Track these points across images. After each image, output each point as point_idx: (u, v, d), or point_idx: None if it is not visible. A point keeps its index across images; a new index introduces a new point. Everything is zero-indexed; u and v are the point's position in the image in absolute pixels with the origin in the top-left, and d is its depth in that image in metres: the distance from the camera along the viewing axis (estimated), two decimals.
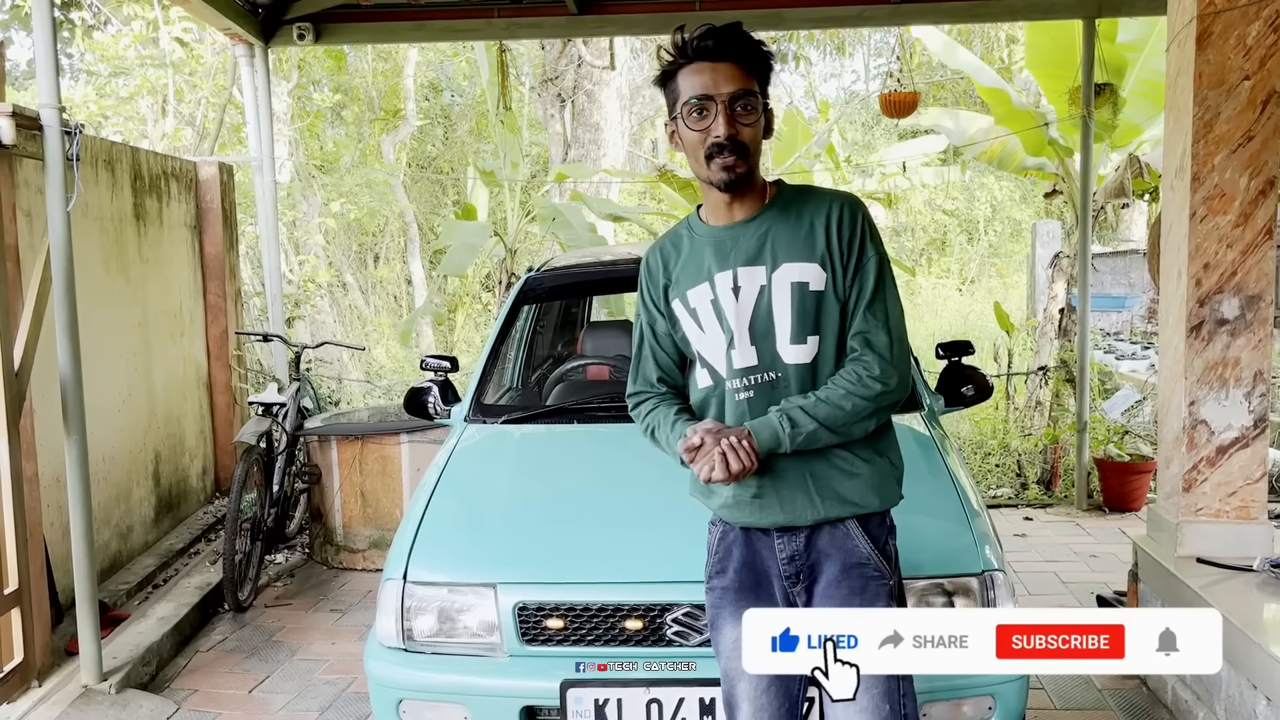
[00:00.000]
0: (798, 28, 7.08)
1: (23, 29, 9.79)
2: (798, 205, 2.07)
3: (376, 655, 2.70)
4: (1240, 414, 3.59)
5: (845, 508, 2.04)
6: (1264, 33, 3.45)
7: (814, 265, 2.02)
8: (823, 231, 2.03)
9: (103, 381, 4.87)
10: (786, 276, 2.02)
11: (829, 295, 2.03)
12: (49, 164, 3.54)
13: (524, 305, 4.21)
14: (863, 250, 2.04)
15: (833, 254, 2.02)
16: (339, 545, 5.41)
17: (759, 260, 2.04)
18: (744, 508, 2.10)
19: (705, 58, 1.99)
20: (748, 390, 2.06)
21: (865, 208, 2.09)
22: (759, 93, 2.01)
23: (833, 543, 2.06)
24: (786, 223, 2.05)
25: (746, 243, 2.06)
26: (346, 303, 11.94)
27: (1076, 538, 5.68)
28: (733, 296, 2.05)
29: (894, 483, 2.12)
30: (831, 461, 2.04)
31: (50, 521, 4.13)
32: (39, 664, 3.68)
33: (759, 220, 2.07)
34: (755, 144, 2.01)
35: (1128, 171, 7.18)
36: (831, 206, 2.05)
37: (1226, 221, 3.53)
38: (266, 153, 6.29)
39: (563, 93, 10.34)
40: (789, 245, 2.03)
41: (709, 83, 1.98)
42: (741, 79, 1.98)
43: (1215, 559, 3.52)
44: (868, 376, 2.00)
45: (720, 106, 1.97)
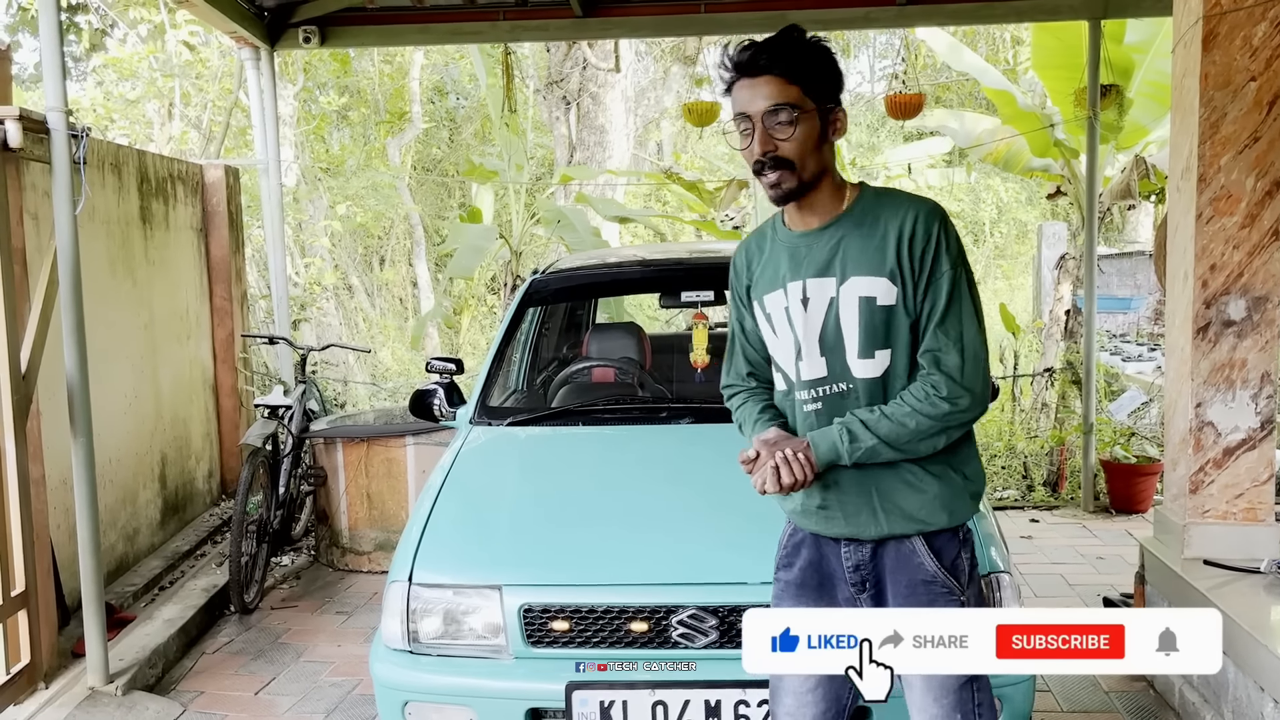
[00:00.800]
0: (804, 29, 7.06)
1: (29, 32, 9.83)
2: (875, 212, 2.01)
3: (382, 657, 2.71)
4: (1247, 416, 3.58)
5: (910, 524, 2.01)
6: (1270, 33, 3.44)
7: (883, 279, 1.96)
8: (894, 243, 1.96)
9: (109, 384, 4.89)
10: (854, 290, 1.97)
11: (899, 310, 1.97)
12: (55, 167, 3.55)
13: (529, 307, 4.22)
14: (935, 263, 1.96)
15: (903, 267, 1.96)
16: (345, 547, 5.42)
17: (829, 272, 2.00)
18: (810, 516, 2.10)
19: (744, 73, 1.96)
20: (815, 402, 2.04)
21: (945, 216, 2.00)
22: (795, 103, 1.93)
23: (898, 559, 2.03)
24: (860, 232, 1.99)
25: (818, 253, 2.02)
26: (352, 305, 11.95)
27: (1083, 540, 5.66)
28: (802, 308, 2.02)
29: (967, 498, 2.06)
30: (900, 475, 2.00)
31: (57, 524, 4.14)
32: (46, 666, 3.69)
33: (833, 229, 2.02)
34: (802, 156, 1.95)
35: (1134, 173, 7.17)
36: (906, 216, 1.97)
37: (1233, 223, 3.52)
38: (272, 156, 6.30)
39: (568, 95, 10.35)
40: (859, 257, 1.98)
41: (746, 99, 1.96)
42: (778, 92, 1.93)
43: (1222, 561, 3.51)
44: (935, 396, 1.94)
45: (757, 124, 1.95)
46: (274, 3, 6.08)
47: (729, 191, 9.28)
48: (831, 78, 2.00)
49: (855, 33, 13.96)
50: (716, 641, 2.54)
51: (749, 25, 6.92)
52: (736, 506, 2.89)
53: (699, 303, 3.90)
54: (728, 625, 2.54)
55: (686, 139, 17.18)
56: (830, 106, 2.00)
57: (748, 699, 2.47)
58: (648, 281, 4.57)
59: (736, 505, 2.90)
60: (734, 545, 2.72)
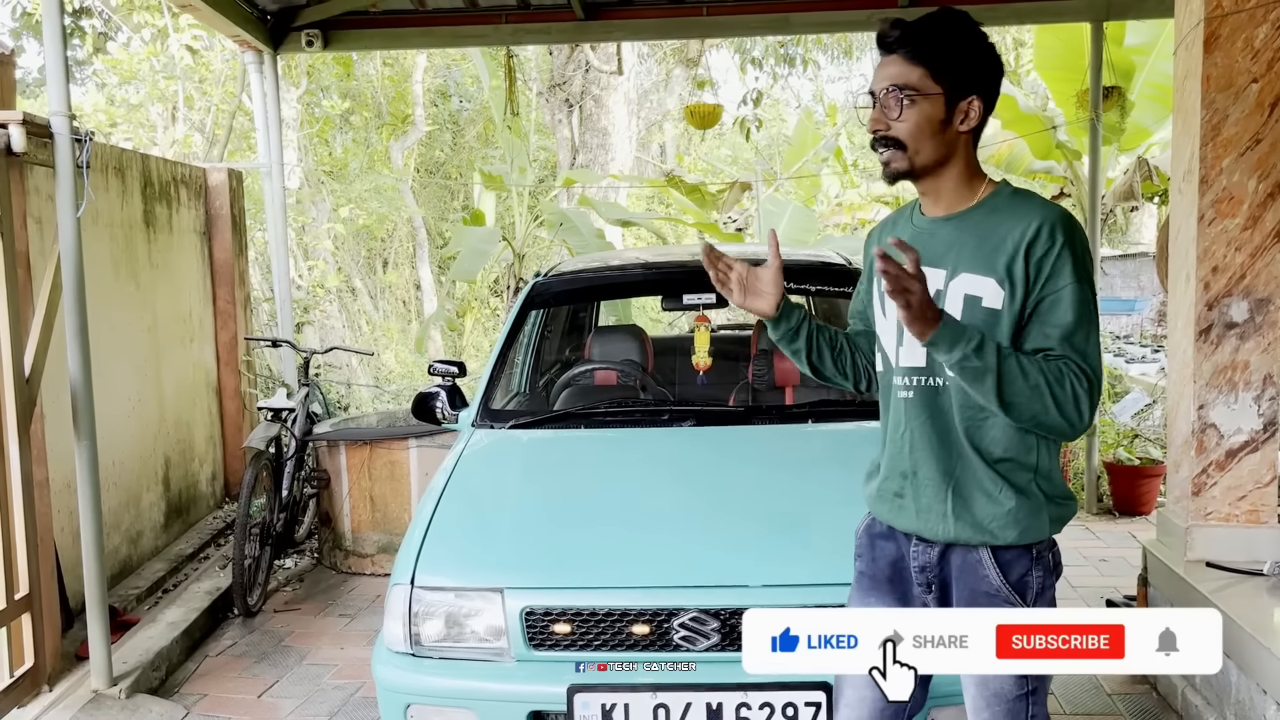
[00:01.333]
0: (805, 32, 7.10)
1: (33, 36, 9.85)
2: (1004, 213, 1.94)
3: (384, 660, 2.71)
4: (1250, 418, 3.57)
5: (978, 535, 1.95)
6: (1272, 35, 3.44)
7: (991, 280, 1.90)
8: (1012, 246, 1.88)
9: (112, 387, 4.90)
10: (961, 287, 1.93)
11: (1004, 316, 1.90)
12: (59, 171, 3.56)
13: (531, 310, 4.22)
14: (1055, 274, 1.86)
15: (1014, 272, 1.88)
16: (348, 550, 5.42)
17: (941, 263, 1.96)
18: (885, 502, 2.08)
19: (881, 50, 1.96)
20: (908, 390, 2.01)
21: (1076, 228, 1.90)
22: (913, 86, 1.90)
23: (964, 567, 1.99)
24: (981, 229, 1.94)
25: (937, 242, 1.98)
26: (355, 308, 11.97)
27: (1086, 541, 5.66)
28: None
29: (1045, 520, 1.96)
30: (979, 483, 1.95)
31: (60, 526, 4.15)
32: (49, 669, 3.69)
33: (957, 221, 1.98)
34: (915, 138, 1.92)
35: (1136, 174, 7.18)
36: (1033, 220, 1.88)
37: (1235, 224, 3.52)
38: (276, 159, 6.32)
39: (570, 98, 10.36)
40: (973, 254, 1.92)
41: (875, 77, 1.97)
42: (899, 73, 1.91)
43: (1225, 563, 3.51)
44: (1070, 378, 1.83)
45: (877, 101, 1.95)
46: (277, 6, 6.10)
47: (731, 194, 9.28)
48: (972, 66, 1.94)
49: (858, 34, 13.95)
50: (718, 644, 2.54)
51: (751, 27, 6.93)
52: (739, 509, 2.91)
53: (701, 305, 3.90)
54: (729, 628, 2.54)
55: (689, 141, 17.20)
56: (964, 94, 1.93)
57: (749, 701, 2.47)
58: (650, 284, 4.57)
59: (739, 508, 2.91)
60: (736, 548, 2.72)
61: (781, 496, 2.96)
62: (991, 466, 1.95)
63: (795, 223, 9.08)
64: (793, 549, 2.70)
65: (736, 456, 3.28)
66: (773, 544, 2.71)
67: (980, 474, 1.95)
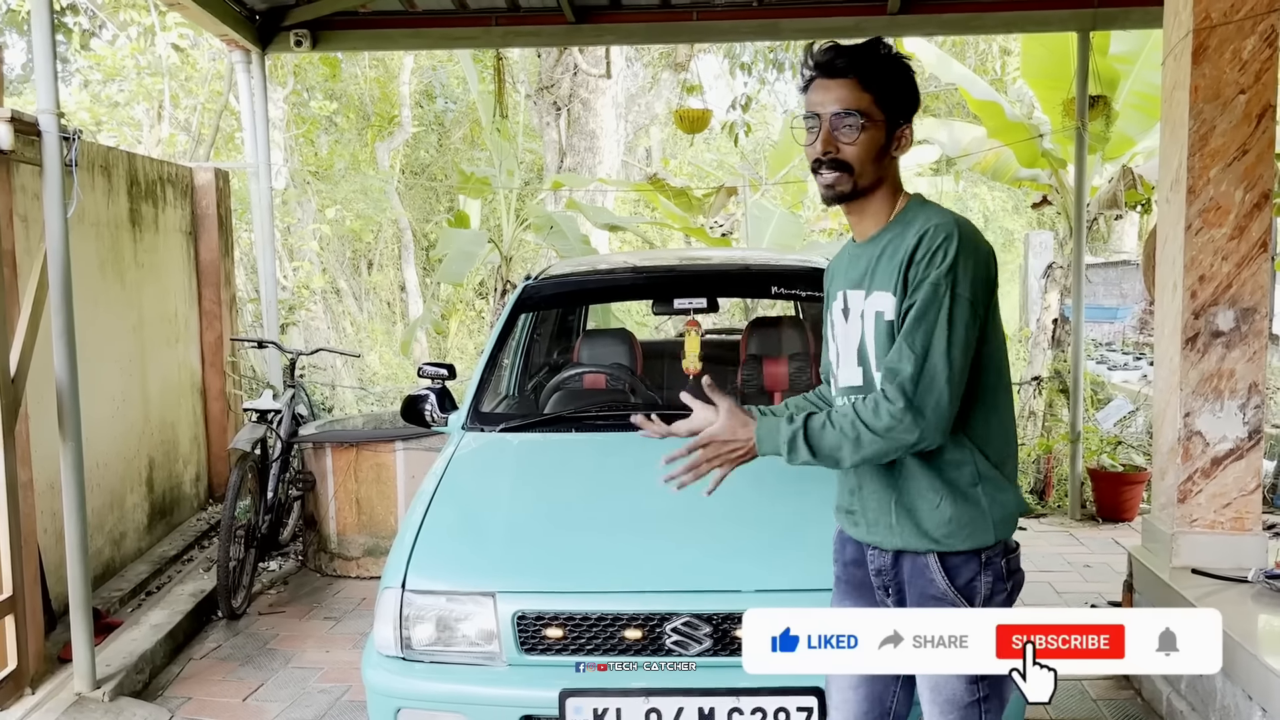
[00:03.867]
0: (793, 38, 7.11)
1: (17, 32, 9.77)
2: (906, 226, 2.00)
3: (375, 664, 2.70)
4: (1235, 426, 3.60)
5: (923, 542, 1.99)
6: (1259, 47, 3.47)
7: (888, 294, 1.96)
8: (904, 255, 1.94)
9: (97, 387, 4.86)
10: (873, 305, 2.00)
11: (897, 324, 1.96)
12: (47, 170, 3.53)
13: (522, 313, 4.21)
14: (925, 275, 1.90)
15: (907, 280, 1.93)
16: (333, 553, 5.40)
17: (861, 284, 2.04)
18: (841, 516, 2.19)
19: (823, 74, 1.99)
20: None
21: (959, 235, 1.91)
22: (865, 112, 1.95)
23: (913, 571, 2.03)
24: (890, 247, 1.99)
25: (860, 264, 2.06)
26: (340, 309, 11.92)
27: (1070, 548, 5.69)
28: (842, 317, 2.08)
29: (990, 525, 1.98)
30: (921, 492, 1.99)
31: (44, 528, 4.11)
32: (32, 671, 3.66)
33: (874, 242, 2.04)
34: (861, 162, 1.97)
35: (1121, 183, 7.22)
36: (923, 229, 1.94)
37: (1222, 234, 3.55)
38: (262, 159, 6.28)
39: (558, 100, 10.35)
40: (883, 272, 1.99)
41: (818, 100, 1.99)
42: (850, 98, 1.95)
43: (1210, 570, 3.53)
44: (882, 408, 1.88)
45: (824, 124, 1.98)
46: (265, 6, 6.07)
47: (718, 198, 9.29)
48: (906, 96, 2.02)
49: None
50: (710, 649, 2.55)
51: (740, 33, 6.96)
52: (730, 514, 2.89)
53: (691, 310, 3.90)
54: (721, 633, 2.54)
55: (676, 145, 17.22)
56: (899, 123, 2.02)
57: (741, 707, 2.47)
58: (641, 288, 4.57)
59: (730, 513, 2.90)
60: (727, 553, 2.73)
61: (773, 501, 2.96)
62: (934, 475, 1.99)
63: (781, 228, 9.09)
64: (785, 554, 2.71)
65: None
66: (765, 549, 2.72)
67: (922, 484, 2.00)
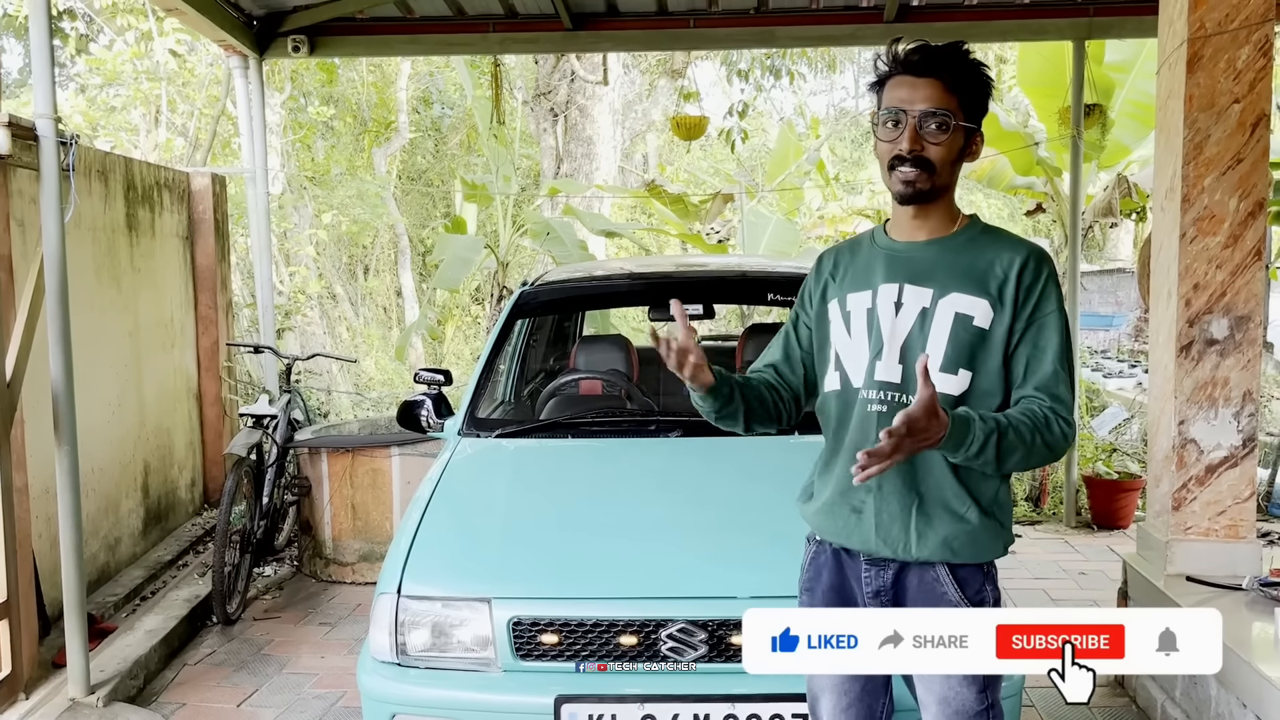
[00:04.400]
0: (790, 45, 7.14)
1: (14, 37, 9.78)
2: (985, 242, 2.05)
3: (370, 669, 2.69)
4: (1229, 433, 3.62)
5: (941, 553, 1.98)
6: (1253, 57, 3.49)
7: (983, 301, 1.98)
8: (1002, 271, 1.99)
9: (93, 392, 4.85)
10: (952, 305, 1.99)
11: (994, 334, 1.99)
12: (44, 175, 3.53)
13: (518, 319, 4.21)
14: (1043, 301, 1.99)
15: (1005, 295, 1.98)
16: (328, 558, 5.39)
17: (928, 282, 2.02)
18: (839, 518, 2.07)
19: (910, 71, 1.99)
20: (883, 404, 2.01)
21: (1054, 266, 2.04)
22: (953, 114, 1.97)
23: (921, 586, 2.01)
24: (966, 254, 2.03)
25: (920, 262, 2.04)
26: (336, 314, 11.91)
27: (1065, 555, 5.70)
28: (893, 310, 2.03)
29: (1000, 543, 2.04)
30: (946, 500, 1.99)
31: (39, 533, 4.10)
32: (26, 676, 3.65)
33: (939, 246, 2.05)
34: (943, 163, 1.99)
35: (1116, 191, 7.25)
36: (1019, 251, 2.02)
37: (1216, 243, 3.56)
38: (260, 164, 6.29)
39: (555, 107, 10.37)
40: (963, 275, 2.00)
41: (905, 97, 1.98)
42: (939, 98, 1.97)
43: (1205, 578, 3.54)
44: (1055, 422, 1.93)
45: (910, 121, 1.97)
46: (263, 12, 6.08)
47: (714, 205, 9.31)
48: (984, 103, 2.04)
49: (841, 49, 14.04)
50: (706, 655, 2.55)
51: (737, 40, 6.97)
52: (726, 520, 2.91)
53: (688, 316, 3.90)
54: (717, 639, 2.54)
55: (673, 152, 17.24)
56: (974, 130, 2.04)
57: (736, 713, 2.47)
58: (637, 294, 4.57)
59: (726, 518, 2.92)
60: (723, 559, 2.73)
61: (769, 507, 2.95)
62: (963, 486, 1.98)
63: (778, 235, 9.10)
64: (781, 560, 2.69)
65: (724, 467, 3.28)
66: (761, 555, 2.71)
67: (949, 493, 1.98)
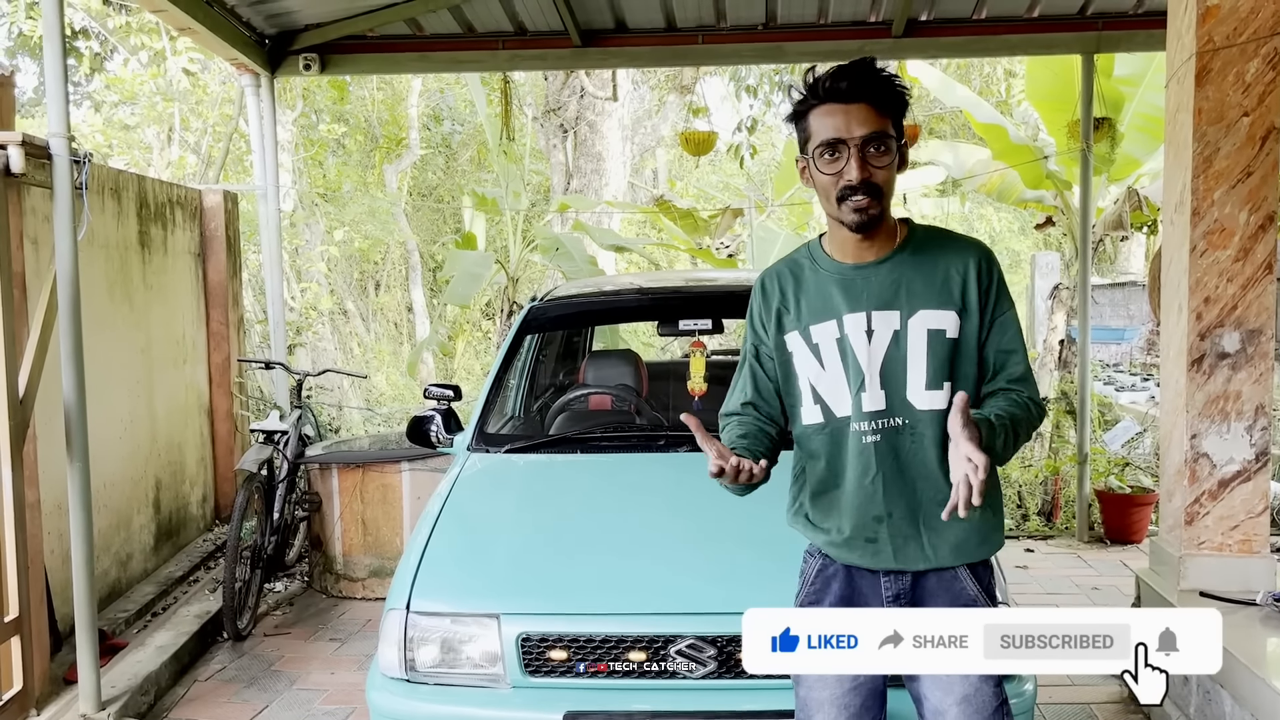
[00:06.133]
0: (798, 60, 7.14)
1: (30, 56, 9.88)
2: (931, 249, 2.07)
3: (379, 685, 2.69)
4: (1242, 447, 3.59)
5: (957, 556, 2.06)
6: (1263, 70, 3.49)
7: (950, 312, 2.02)
8: (959, 276, 2.04)
9: (105, 408, 4.87)
10: (923, 323, 2.01)
11: (965, 341, 2.03)
12: (57, 193, 3.56)
13: (528, 334, 4.22)
14: (1000, 299, 2.07)
15: (969, 301, 2.03)
16: (339, 574, 5.39)
17: (893, 305, 2.02)
18: (855, 549, 2.09)
19: (837, 99, 1.96)
20: (875, 434, 2.03)
21: (997, 259, 2.13)
22: (892, 133, 1.98)
23: (940, 585, 2.07)
24: (920, 268, 2.04)
25: (879, 285, 2.04)
26: (347, 330, 11.96)
27: (1078, 570, 5.67)
28: (865, 339, 2.02)
29: (1000, 533, 2.14)
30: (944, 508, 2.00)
31: (50, 549, 4.12)
32: (38, 692, 3.66)
33: (891, 263, 2.05)
34: (889, 185, 1.99)
35: (1126, 204, 7.23)
36: (970, 255, 2.06)
37: (1226, 256, 3.55)
38: (271, 181, 6.32)
39: (565, 123, 10.41)
40: (924, 291, 2.03)
41: (841, 125, 1.95)
42: (874, 120, 1.95)
43: (1218, 593, 3.52)
44: (1032, 406, 2.03)
45: (853, 150, 1.95)
46: (275, 30, 6.13)
47: (723, 220, 9.32)
48: (903, 113, 2.04)
49: None
50: (715, 671, 2.54)
51: (745, 56, 7.00)
52: (735, 536, 2.90)
53: (696, 331, 3.91)
54: (726, 655, 2.53)
55: (682, 167, 17.29)
56: (902, 141, 2.03)
57: None
58: (646, 310, 4.58)
59: (735, 534, 2.91)
60: (732, 575, 2.72)
61: (778, 523, 2.94)
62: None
63: (787, 250, 9.03)
64: (790, 575, 2.68)
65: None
66: (770, 571, 2.69)
67: (945, 498, 1.96)
